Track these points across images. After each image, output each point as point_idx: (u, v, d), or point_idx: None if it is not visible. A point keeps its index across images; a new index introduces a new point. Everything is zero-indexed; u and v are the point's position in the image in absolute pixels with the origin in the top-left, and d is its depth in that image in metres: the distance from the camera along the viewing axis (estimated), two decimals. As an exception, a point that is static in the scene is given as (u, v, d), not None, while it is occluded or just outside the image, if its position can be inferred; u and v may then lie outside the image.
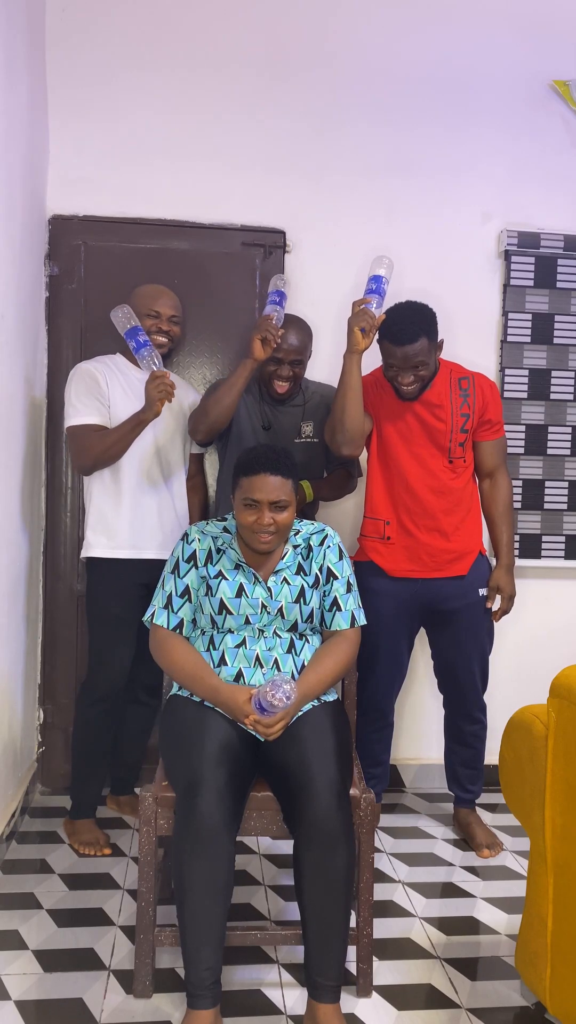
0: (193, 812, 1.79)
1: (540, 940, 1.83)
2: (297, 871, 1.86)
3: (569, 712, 1.70)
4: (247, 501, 2.07)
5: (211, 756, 1.87)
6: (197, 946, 1.78)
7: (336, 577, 2.18)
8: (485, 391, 2.66)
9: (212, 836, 1.78)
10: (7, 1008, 1.89)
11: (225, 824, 1.80)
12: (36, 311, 2.90)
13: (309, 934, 1.84)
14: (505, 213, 3.19)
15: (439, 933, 2.26)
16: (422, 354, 2.50)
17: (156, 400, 2.43)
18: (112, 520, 2.61)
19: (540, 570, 3.25)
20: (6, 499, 2.56)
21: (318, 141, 3.09)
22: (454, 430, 2.61)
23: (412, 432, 2.62)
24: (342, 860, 1.82)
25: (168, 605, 2.15)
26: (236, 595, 2.10)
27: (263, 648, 2.09)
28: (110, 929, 2.22)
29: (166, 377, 2.44)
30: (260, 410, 2.72)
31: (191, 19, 3.01)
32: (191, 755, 1.89)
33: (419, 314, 2.51)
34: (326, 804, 1.82)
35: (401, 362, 2.50)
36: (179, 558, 2.18)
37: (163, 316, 2.63)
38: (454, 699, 2.79)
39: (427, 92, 3.13)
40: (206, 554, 2.16)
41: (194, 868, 1.78)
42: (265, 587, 2.12)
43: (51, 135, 2.99)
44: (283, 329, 2.59)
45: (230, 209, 3.06)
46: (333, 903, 1.82)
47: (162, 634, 2.14)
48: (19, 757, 2.78)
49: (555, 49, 3.17)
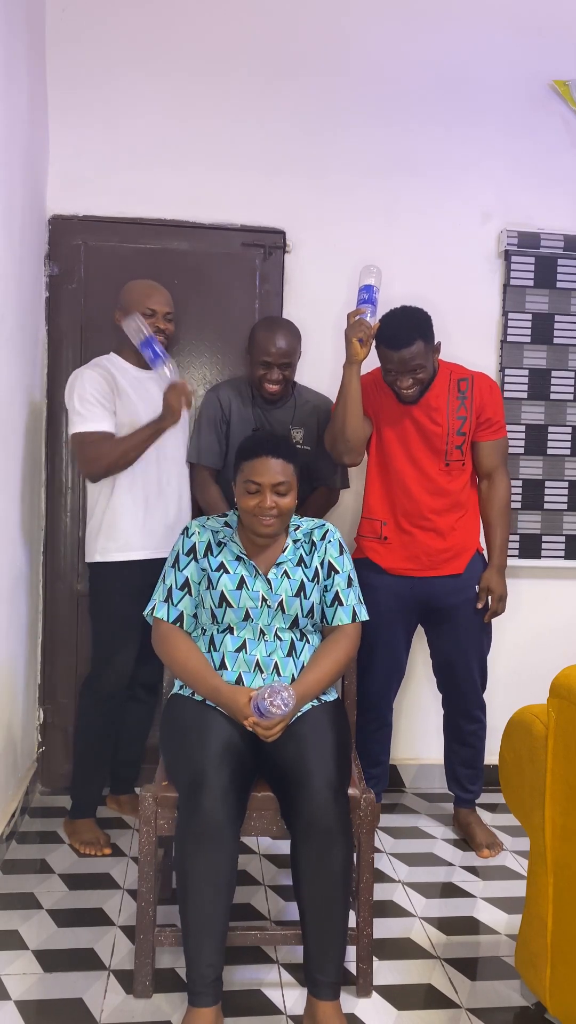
0: (197, 809, 1.80)
1: (540, 940, 1.83)
2: (295, 868, 1.86)
3: (569, 712, 1.70)
4: (249, 485, 2.08)
5: (214, 754, 1.88)
6: (199, 942, 1.78)
7: (337, 572, 2.18)
8: (484, 391, 2.66)
9: (216, 833, 1.79)
10: (7, 1008, 1.89)
11: (229, 820, 1.81)
12: (36, 311, 2.90)
13: (308, 931, 1.84)
14: (505, 213, 3.19)
15: (439, 933, 2.26)
16: (419, 357, 2.51)
17: (177, 409, 2.48)
18: (120, 522, 2.60)
19: (540, 570, 3.25)
20: (6, 499, 2.56)
21: (318, 141, 3.09)
22: (450, 433, 2.62)
23: (409, 435, 2.62)
24: (339, 856, 1.82)
25: (168, 598, 2.15)
26: (237, 587, 2.10)
27: (263, 653, 2.09)
28: (110, 929, 2.22)
29: (186, 386, 2.48)
30: (252, 413, 2.74)
31: (191, 19, 3.01)
32: (194, 753, 1.89)
33: (413, 318, 2.54)
34: (323, 800, 1.83)
35: (398, 366, 2.52)
36: (179, 551, 2.18)
37: (159, 314, 2.63)
38: (453, 698, 2.79)
39: (427, 92, 3.13)
40: (205, 546, 2.16)
41: (197, 864, 1.78)
42: (265, 580, 2.12)
43: (51, 135, 2.99)
44: (274, 333, 2.66)
45: (230, 209, 3.06)
46: (331, 900, 1.82)
47: (165, 628, 2.14)
48: (19, 757, 2.78)
49: (555, 49, 3.17)
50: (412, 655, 2.96)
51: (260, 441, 2.12)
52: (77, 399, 2.52)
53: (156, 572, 2.57)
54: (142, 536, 2.61)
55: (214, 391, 2.80)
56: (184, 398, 2.49)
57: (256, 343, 2.69)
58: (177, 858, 1.83)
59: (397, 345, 2.49)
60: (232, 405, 2.75)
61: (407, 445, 2.63)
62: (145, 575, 2.59)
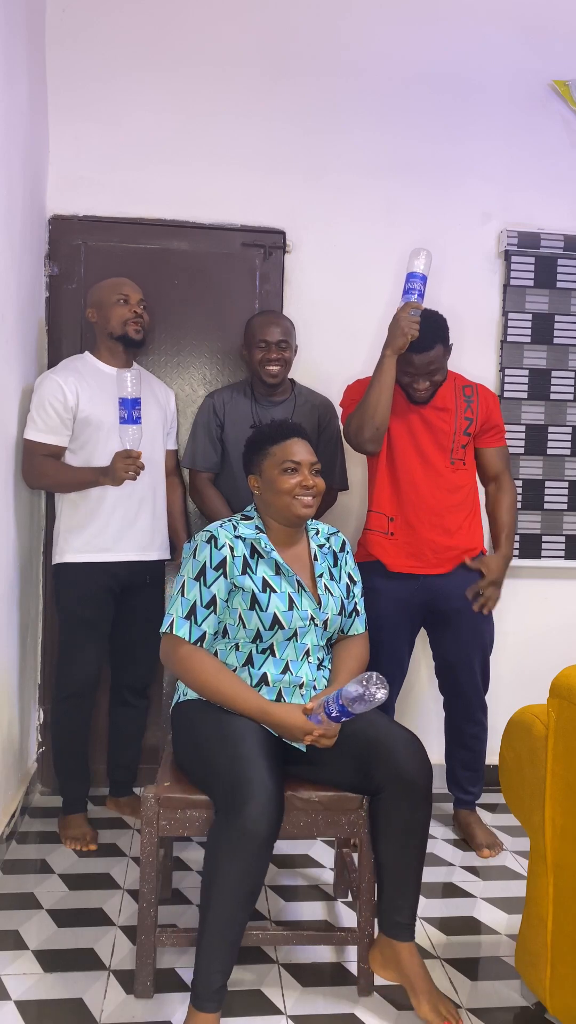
0: (241, 819, 1.73)
1: (540, 940, 1.83)
2: (380, 821, 1.92)
3: (569, 712, 1.70)
4: (287, 464, 2.07)
5: (259, 763, 1.83)
6: (215, 948, 1.76)
7: (355, 583, 2.22)
8: (489, 401, 2.74)
9: (257, 844, 1.74)
10: (7, 1008, 1.89)
11: (271, 832, 1.77)
12: (36, 311, 2.90)
13: (389, 879, 1.93)
14: (505, 213, 3.19)
15: (439, 933, 2.26)
16: (437, 361, 2.56)
17: (121, 478, 2.44)
18: (89, 524, 2.61)
19: (540, 570, 3.25)
20: (5, 499, 2.55)
21: (318, 141, 3.09)
22: (457, 432, 2.66)
23: (418, 432, 2.65)
24: (425, 809, 1.93)
25: (191, 616, 2.01)
26: (288, 608, 2.05)
27: (306, 670, 2.07)
28: (110, 929, 2.22)
29: (138, 460, 2.43)
30: (251, 411, 2.75)
31: (191, 19, 3.01)
32: (235, 762, 1.82)
33: (435, 323, 2.57)
34: (414, 759, 1.91)
35: (418, 369, 2.56)
36: (206, 564, 2.02)
37: (132, 300, 2.65)
38: (455, 699, 2.79)
39: (427, 92, 3.13)
40: (242, 562, 2.04)
41: (232, 872, 1.74)
42: (312, 597, 2.09)
43: (51, 135, 2.99)
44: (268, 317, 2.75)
45: (230, 209, 3.06)
46: (416, 850, 1.94)
47: (187, 650, 2.00)
48: (19, 757, 2.78)
49: (555, 49, 3.17)
50: (415, 658, 2.96)
51: (282, 426, 2.13)
52: (35, 404, 2.58)
53: (124, 574, 2.60)
54: (110, 537, 2.62)
55: (210, 397, 2.82)
56: (132, 471, 2.43)
57: (252, 329, 2.74)
58: (209, 863, 1.77)
59: (419, 349, 2.53)
60: (227, 405, 2.76)
61: (416, 441, 2.65)
62: (111, 577, 2.63)
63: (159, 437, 2.76)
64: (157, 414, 2.75)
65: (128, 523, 2.64)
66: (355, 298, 3.11)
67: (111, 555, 2.62)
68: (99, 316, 2.66)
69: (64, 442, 2.60)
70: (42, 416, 2.56)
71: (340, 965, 2.10)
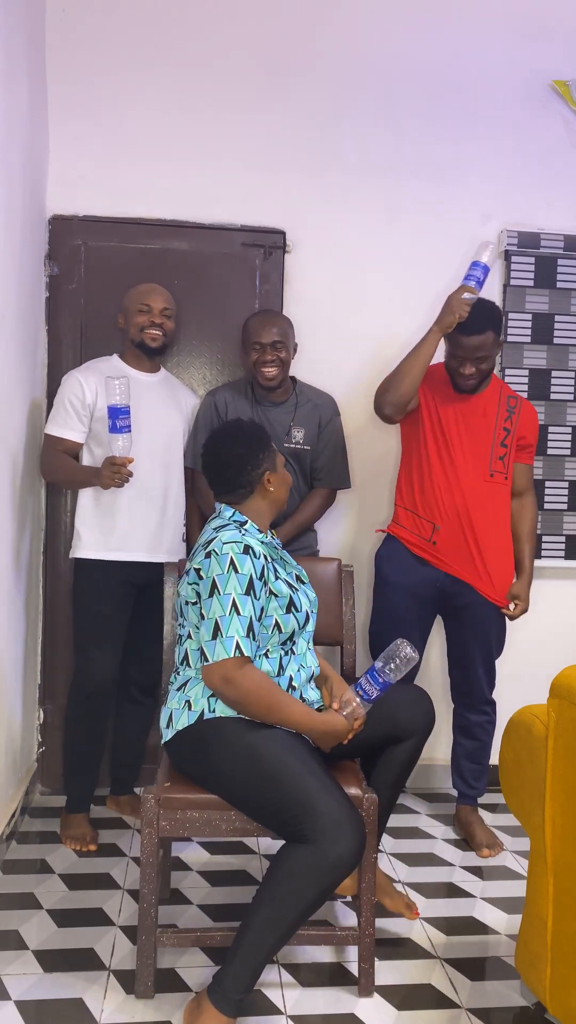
0: (335, 850, 1.76)
1: (540, 940, 1.83)
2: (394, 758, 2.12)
3: (569, 712, 1.70)
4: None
5: (337, 791, 1.84)
6: (263, 960, 1.81)
7: None
8: (530, 416, 2.78)
9: (343, 875, 1.80)
10: (7, 1008, 1.89)
11: (356, 865, 1.84)
12: (36, 311, 2.90)
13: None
14: (505, 213, 3.19)
15: (439, 933, 2.26)
16: (486, 347, 2.58)
17: (108, 483, 2.47)
18: (106, 521, 2.62)
19: (540, 570, 3.24)
20: (6, 499, 2.56)
21: (318, 141, 3.09)
22: (495, 443, 2.68)
23: (457, 431, 2.66)
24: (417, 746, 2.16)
25: (250, 633, 1.89)
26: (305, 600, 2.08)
27: (312, 660, 2.10)
28: (110, 929, 2.22)
29: (124, 467, 2.45)
30: (252, 411, 2.74)
31: (191, 19, 3.01)
32: (320, 790, 1.81)
33: (488, 309, 2.61)
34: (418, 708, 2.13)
35: (467, 352, 2.58)
36: (252, 576, 1.92)
37: (154, 310, 2.66)
38: (461, 687, 2.82)
39: (427, 92, 3.13)
40: (272, 567, 2.02)
41: (310, 898, 1.79)
42: (309, 586, 2.14)
43: (51, 135, 2.99)
44: (263, 317, 2.74)
45: (230, 209, 3.05)
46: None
47: (257, 673, 1.89)
48: (19, 757, 2.78)
49: (555, 49, 3.17)
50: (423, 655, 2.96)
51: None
52: (57, 400, 2.66)
53: (138, 574, 2.61)
54: (124, 537, 2.62)
55: (211, 395, 2.81)
56: (118, 478, 2.45)
57: (247, 330, 2.73)
58: (286, 883, 1.78)
59: (470, 331, 2.55)
60: (229, 405, 2.75)
61: (457, 440, 2.66)
62: (127, 576, 2.63)
63: (177, 437, 2.74)
64: (178, 420, 2.75)
65: (137, 524, 2.64)
66: (355, 298, 3.11)
67: (121, 554, 2.62)
68: (124, 321, 2.70)
69: (80, 438, 2.63)
70: (59, 411, 2.63)
71: (340, 965, 2.10)
